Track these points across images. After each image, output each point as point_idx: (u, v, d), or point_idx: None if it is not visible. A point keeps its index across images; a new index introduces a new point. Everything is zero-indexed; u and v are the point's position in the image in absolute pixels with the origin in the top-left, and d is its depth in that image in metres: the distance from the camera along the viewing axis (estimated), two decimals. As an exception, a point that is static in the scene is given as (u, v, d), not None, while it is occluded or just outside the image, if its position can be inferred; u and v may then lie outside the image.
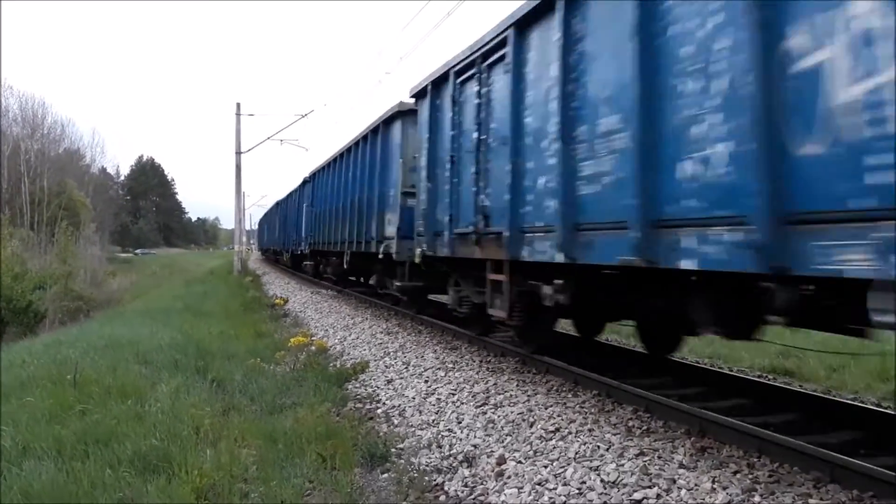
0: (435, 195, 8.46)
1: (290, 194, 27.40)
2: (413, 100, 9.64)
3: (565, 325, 8.84)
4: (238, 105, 29.01)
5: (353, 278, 17.75)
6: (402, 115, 10.71)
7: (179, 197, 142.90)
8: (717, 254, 3.66)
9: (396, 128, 11.05)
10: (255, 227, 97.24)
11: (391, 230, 10.66)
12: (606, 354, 7.35)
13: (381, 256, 11.06)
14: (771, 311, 3.74)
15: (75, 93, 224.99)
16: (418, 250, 8.97)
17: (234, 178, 29.07)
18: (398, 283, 10.81)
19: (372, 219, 12.10)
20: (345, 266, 15.09)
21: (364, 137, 13.17)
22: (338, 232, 15.38)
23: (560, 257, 5.23)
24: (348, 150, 14.77)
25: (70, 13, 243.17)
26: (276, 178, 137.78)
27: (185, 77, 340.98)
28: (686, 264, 3.90)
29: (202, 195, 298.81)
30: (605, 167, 4.74)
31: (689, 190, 3.90)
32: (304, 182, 22.41)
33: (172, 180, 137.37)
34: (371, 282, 14.94)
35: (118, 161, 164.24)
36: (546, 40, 5.61)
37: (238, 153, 28.86)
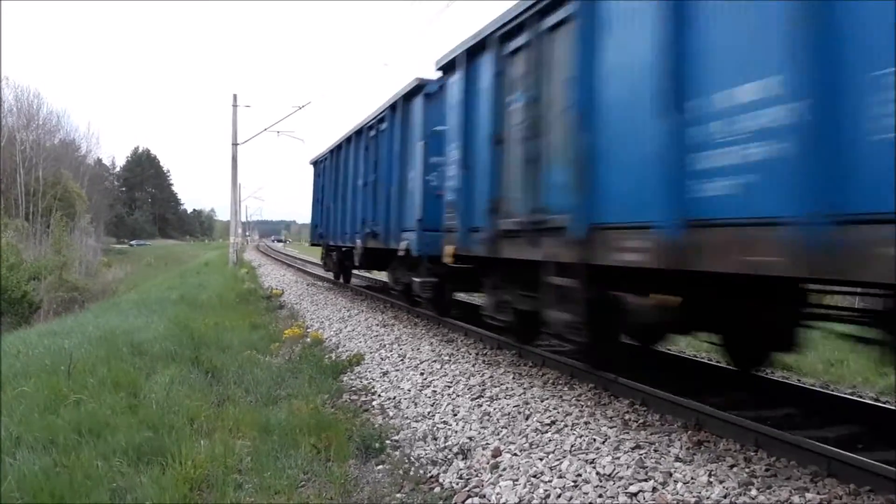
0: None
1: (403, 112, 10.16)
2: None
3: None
4: (234, 96, 29.05)
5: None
6: None
7: (175, 188, 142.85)
8: None
9: None
10: (251, 219, 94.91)
11: None
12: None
13: None
14: None
15: (71, 84, 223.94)
16: None
17: (230, 170, 29.07)
18: None
19: None
20: None
21: None
22: None
23: None
24: None
25: (65, 4, 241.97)
26: (272, 170, 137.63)
27: (182, 68, 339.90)
28: None
29: (198, 187, 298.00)
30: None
31: None
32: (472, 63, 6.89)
33: (168, 171, 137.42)
34: None
35: (114, 152, 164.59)
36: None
37: (234, 144, 28.82)
